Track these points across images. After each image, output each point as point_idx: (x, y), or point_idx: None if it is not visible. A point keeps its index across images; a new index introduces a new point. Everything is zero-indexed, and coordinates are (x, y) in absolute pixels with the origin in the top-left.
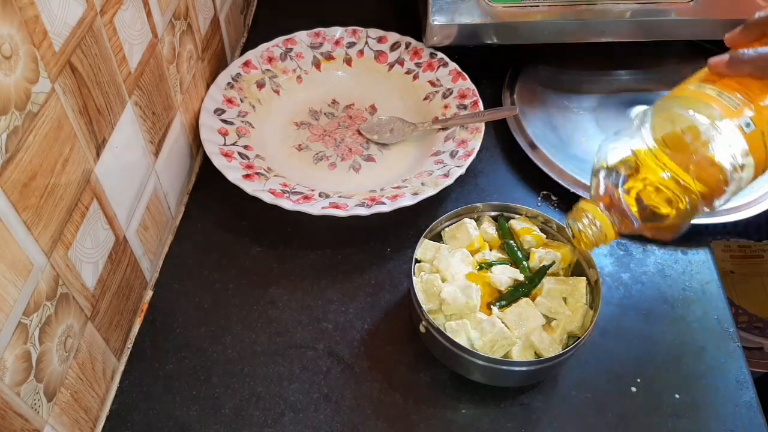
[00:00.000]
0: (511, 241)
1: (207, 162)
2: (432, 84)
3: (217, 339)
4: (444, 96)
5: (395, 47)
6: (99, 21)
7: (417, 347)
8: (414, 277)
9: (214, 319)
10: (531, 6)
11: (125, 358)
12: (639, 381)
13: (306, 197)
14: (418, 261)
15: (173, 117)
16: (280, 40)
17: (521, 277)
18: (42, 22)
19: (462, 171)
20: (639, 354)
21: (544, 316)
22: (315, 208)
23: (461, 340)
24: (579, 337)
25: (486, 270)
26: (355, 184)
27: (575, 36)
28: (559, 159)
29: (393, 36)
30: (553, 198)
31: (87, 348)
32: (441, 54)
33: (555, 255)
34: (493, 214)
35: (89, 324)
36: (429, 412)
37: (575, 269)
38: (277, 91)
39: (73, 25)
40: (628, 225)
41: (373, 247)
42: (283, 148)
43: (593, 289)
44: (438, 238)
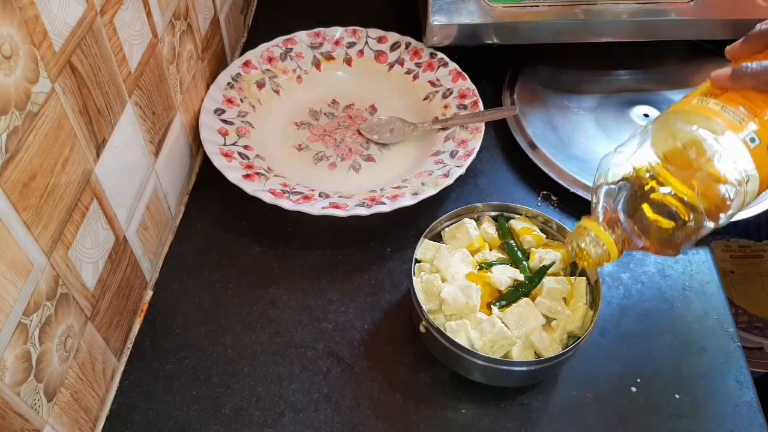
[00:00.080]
0: (511, 241)
1: (207, 162)
2: (432, 84)
3: (217, 339)
4: (444, 96)
5: (395, 47)
6: (99, 21)
7: (417, 347)
8: (414, 277)
9: (214, 319)
10: (531, 6)
11: (125, 358)
12: (639, 381)
13: (306, 197)
14: (418, 261)
15: (173, 117)
16: (280, 40)
17: (521, 277)
18: (42, 22)
19: (462, 171)
20: (639, 354)
21: (544, 316)
22: (315, 208)
23: (461, 340)
24: (579, 337)
25: (486, 270)
26: (355, 184)
27: (575, 36)
28: (559, 159)
29: (393, 36)
30: (553, 198)
31: (87, 348)
32: (441, 54)
33: (555, 255)
34: (493, 214)
35: (89, 324)
36: (429, 412)
37: (575, 269)
38: (277, 91)
39: (73, 25)
40: (630, 243)
41: (373, 247)
42: (283, 148)
43: (593, 289)
44: (438, 238)
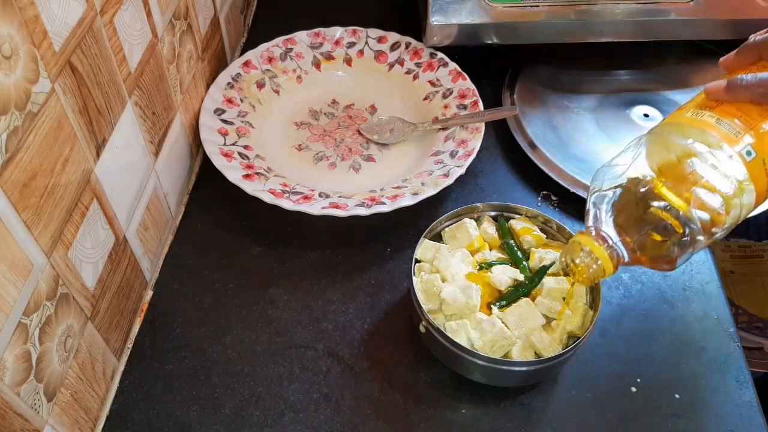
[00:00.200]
0: (511, 241)
1: (207, 162)
2: (432, 84)
3: (217, 339)
4: (444, 96)
5: (395, 47)
6: (99, 21)
7: (417, 347)
8: (414, 277)
9: (214, 319)
10: (531, 6)
11: (125, 358)
12: (639, 381)
13: (306, 197)
14: (418, 261)
15: (173, 117)
16: (280, 40)
17: (521, 277)
18: (42, 22)
19: (462, 171)
20: (639, 354)
21: (544, 316)
22: (315, 208)
23: (461, 340)
24: (579, 337)
25: (486, 270)
26: (355, 184)
27: (575, 36)
28: (559, 159)
29: (393, 36)
30: (553, 198)
31: (87, 348)
32: (441, 54)
33: (555, 255)
34: (493, 214)
35: (89, 324)
36: (429, 412)
37: None
38: (277, 91)
39: (73, 25)
40: (625, 257)
41: (373, 247)
42: (283, 148)
43: (593, 289)
44: (438, 238)
